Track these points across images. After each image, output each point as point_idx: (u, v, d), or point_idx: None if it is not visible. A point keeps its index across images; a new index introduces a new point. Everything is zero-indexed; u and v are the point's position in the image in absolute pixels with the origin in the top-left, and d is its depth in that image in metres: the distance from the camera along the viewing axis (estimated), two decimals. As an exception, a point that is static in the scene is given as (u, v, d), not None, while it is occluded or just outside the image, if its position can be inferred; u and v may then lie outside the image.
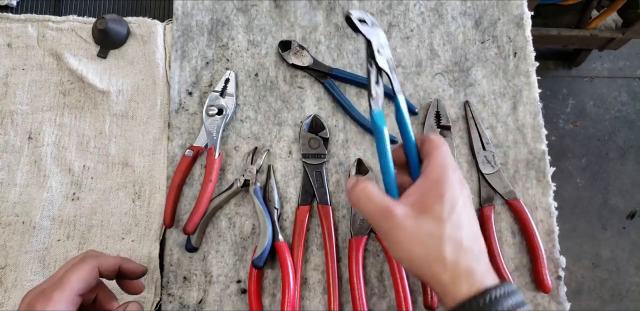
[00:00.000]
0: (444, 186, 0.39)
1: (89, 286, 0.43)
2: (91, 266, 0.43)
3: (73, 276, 0.42)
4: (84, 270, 0.43)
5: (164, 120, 0.63)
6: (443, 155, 0.41)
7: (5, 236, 0.58)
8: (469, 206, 0.40)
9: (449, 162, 0.41)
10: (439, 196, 0.38)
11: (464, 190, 0.40)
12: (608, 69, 1.85)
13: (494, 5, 0.68)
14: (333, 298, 0.55)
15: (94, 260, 0.44)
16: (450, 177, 0.39)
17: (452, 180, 0.39)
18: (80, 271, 0.42)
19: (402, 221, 0.38)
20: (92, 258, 0.44)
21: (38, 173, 0.60)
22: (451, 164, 0.41)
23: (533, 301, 0.57)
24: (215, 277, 0.58)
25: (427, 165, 0.41)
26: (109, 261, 0.45)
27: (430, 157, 0.41)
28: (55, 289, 0.40)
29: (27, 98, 0.63)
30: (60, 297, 0.40)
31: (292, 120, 0.63)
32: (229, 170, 0.61)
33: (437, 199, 0.38)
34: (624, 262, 1.64)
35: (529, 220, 0.58)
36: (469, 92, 0.64)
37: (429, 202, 0.39)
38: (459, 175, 0.41)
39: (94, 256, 0.45)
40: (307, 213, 0.58)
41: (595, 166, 1.74)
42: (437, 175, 0.40)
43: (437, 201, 0.38)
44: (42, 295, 0.40)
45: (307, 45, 0.66)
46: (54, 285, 0.41)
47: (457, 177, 0.40)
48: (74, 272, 0.42)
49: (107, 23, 0.62)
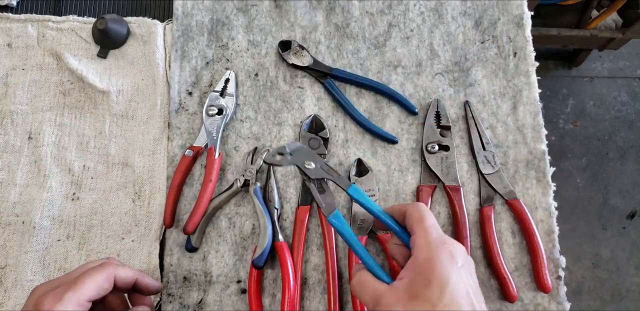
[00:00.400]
0: (431, 268, 0.38)
1: (102, 293, 0.42)
2: (108, 274, 0.43)
3: (88, 280, 0.41)
4: (101, 277, 0.42)
5: (164, 120, 0.63)
6: (426, 231, 0.41)
7: (5, 236, 0.58)
8: (464, 278, 0.38)
9: (432, 239, 0.40)
10: (427, 281, 0.38)
11: (454, 265, 0.39)
12: (608, 69, 1.85)
13: (494, 5, 0.68)
14: (333, 298, 0.55)
15: (113, 269, 0.43)
16: (436, 257, 0.39)
17: (440, 259, 0.39)
18: (97, 277, 0.42)
19: (393, 308, 0.38)
20: (111, 267, 0.44)
21: (38, 173, 0.60)
22: (436, 239, 0.40)
23: (533, 301, 0.57)
24: (215, 277, 0.58)
25: (414, 245, 0.41)
26: (127, 273, 0.45)
27: (414, 235, 0.42)
28: (68, 290, 0.40)
29: (27, 98, 0.63)
30: (71, 299, 0.39)
31: (292, 120, 0.63)
32: (229, 170, 0.61)
33: (425, 284, 0.38)
34: (624, 262, 1.64)
35: (529, 220, 0.58)
36: (469, 92, 0.64)
37: (418, 286, 0.38)
38: (448, 248, 0.40)
39: (114, 265, 0.44)
40: (307, 213, 0.58)
41: (595, 166, 1.74)
42: (423, 257, 0.40)
43: (426, 286, 0.38)
44: (53, 293, 0.40)
45: (307, 45, 0.66)
46: (67, 286, 0.40)
47: (447, 251, 0.39)
48: (90, 277, 0.42)
49: (107, 23, 0.62)
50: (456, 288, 0.37)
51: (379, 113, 0.64)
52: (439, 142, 0.61)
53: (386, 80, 0.65)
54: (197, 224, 0.57)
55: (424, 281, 0.38)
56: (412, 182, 0.61)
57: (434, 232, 0.41)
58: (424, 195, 0.59)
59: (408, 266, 0.41)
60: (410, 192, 0.61)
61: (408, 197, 0.60)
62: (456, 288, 0.37)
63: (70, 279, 0.42)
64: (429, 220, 0.42)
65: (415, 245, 0.41)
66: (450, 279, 0.38)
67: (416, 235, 0.41)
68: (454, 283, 0.37)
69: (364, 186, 0.59)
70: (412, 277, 0.39)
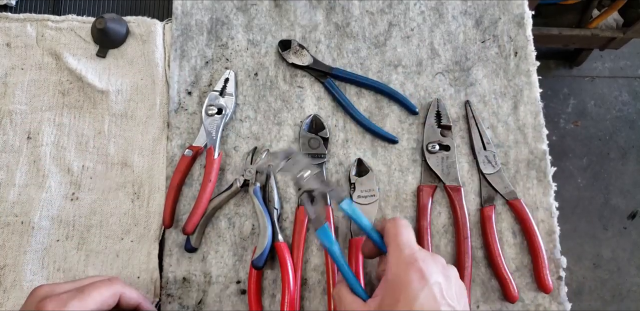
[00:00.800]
0: (399, 287, 0.39)
1: (105, 309, 0.42)
2: (115, 291, 0.43)
3: (95, 292, 0.42)
4: (108, 292, 0.42)
5: (163, 120, 0.63)
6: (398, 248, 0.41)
7: (4, 237, 0.58)
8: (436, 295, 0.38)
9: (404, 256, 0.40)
10: (395, 300, 0.39)
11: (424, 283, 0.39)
12: (609, 69, 1.85)
13: (495, 5, 0.68)
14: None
15: (121, 287, 0.44)
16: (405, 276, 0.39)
17: (408, 279, 0.39)
18: (104, 291, 0.42)
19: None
20: (120, 285, 0.44)
21: (37, 173, 0.60)
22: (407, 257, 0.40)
23: (534, 301, 0.57)
24: (214, 278, 0.57)
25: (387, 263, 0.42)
26: (132, 295, 0.45)
27: (388, 252, 0.42)
28: (74, 298, 0.40)
29: (26, 98, 0.63)
30: (75, 307, 0.40)
31: (292, 119, 0.63)
32: (228, 170, 0.61)
33: (394, 303, 0.39)
34: (625, 262, 1.63)
35: (530, 220, 0.58)
36: (469, 91, 0.64)
37: (388, 305, 0.40)
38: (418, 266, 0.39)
39: (122, 283, 0.45)
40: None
41: (596, 166, 1.73)
42: (392, 276, 0.40)
43: (394, 305, 0.39)
44: (57, 298, 0.40)
45: (307, 44, 0.65)
46: (73, 293, 0.41)
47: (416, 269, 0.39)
48: (98, 289, 0.42)
49: (106, 22, 0.62)
50: (425, 306, 0.38)
51: (379, 112, 0.63)
52: (440, 142, 0.61)
53: (386, 79, 0.64)
54: (197, 224, 0.56)
55: (393, 300, 0.39)
56: (413, 182, 0.61)
57: (406, 248, 0.41)
58: (424, 195, 0.59)
59: (381, 285, 0.42)
60: (411, 192, 0.60)
61: (408, 197, 0.60)
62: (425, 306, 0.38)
63: (76, 288, 0.42)
64: (404, 235, 0.42)
65: (388, 262, 0.41)
66: (418, 298, 0.38)
67: (389, 252, 0.42)
68: (421, 303, 0.38)
69: (364, 186, 0.59)
70: (383, 295, 0.40)
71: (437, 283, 0.39)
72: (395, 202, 0.60)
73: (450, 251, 0.58)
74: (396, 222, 0.43)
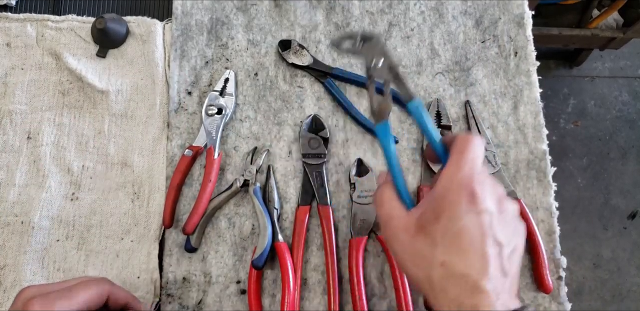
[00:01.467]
0: (444, 203, 0.36)
1: (92, 307, 0.42)
2: (102, 290, 0.43)
3: (82, 291, 0.41)
4: (95, 291, 0.42)
5: (163, 120, 0.63)
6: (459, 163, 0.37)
7: (4, 237, 0.58)
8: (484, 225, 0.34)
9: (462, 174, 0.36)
10: (436, 216, 0.36)
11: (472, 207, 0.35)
12: (609, 69, 1.85)
13: (495, 5, 0.67)
14: (333, 298, 0.55)
15: (109, 287, 0.44)
16: (453, 194, 0.35)
17: (457, 197, 0.35)
18: (91, 290, 0.42)
19: (398, 234, 0.37)
20: (107, 284, 0.44)
21: (37, 173, 0.60)
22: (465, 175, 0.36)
23: (534, 301, 0.57)
24: (214, 278, 0.57)
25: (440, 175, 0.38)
26: (120, 294, 0.45)
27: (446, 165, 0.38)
28: (61, 298, 0.40)
29: (26, 98, 0.63)
30: (62, 306, 0.40)
31: (292, 119, 0.63)
32: (228, 170, 0.61)
33: (434, 219, 0.36)
34: (625, 262, 1.63)
35: (530, 220, 0.58)
36: (469, 91, 0.64)
37: (427, 220, 0.36)
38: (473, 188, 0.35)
39: (110, 283, 0.45)
40: (307, 214, 0.58)
41: (596, 166, 1.73)
42: (441, 190, 0.37)
43: (433, 221, 0.36)
44: (44, 297, 0.40)
45: (307, 44, 0.65)
46: (60, 293, 0.40)
47: (469, 190, 0.35)
48: (85, 289, 0.42)
49: (106, 22, 0.62)
50: (465, 231, 0.34)
51: (379, 113, 0.63)
52: (440, 142, 0.61)
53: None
54: (197, 224, 0.56)
55: (434, 215, 0.36)
56: (413, 182, 0.61)
57: (466, 167, 0.36)
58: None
59: (426, 197, 0.38)
60: (411, 192, 0.60)
61: (408, 197, 0.60)
62: (465, 231, 0.34)
63: (64, 287, 0.42)
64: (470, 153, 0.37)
65: (442, 174, 0.37)
66: (461, 220, 0.34)
67: (447, 165, 0.37)
68: (463, 226, 0.34)
69: (364, 186, 0.59)
70: (425, 208, 0.37)
71: (489, 211, 0.35)
72: (395, 202, 0.60)
73: (450, 251, 0.58)
74: (469, 138, 0.38)
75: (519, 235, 0.38)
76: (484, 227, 0.34)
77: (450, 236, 0.34)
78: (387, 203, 0.40)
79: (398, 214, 0.38)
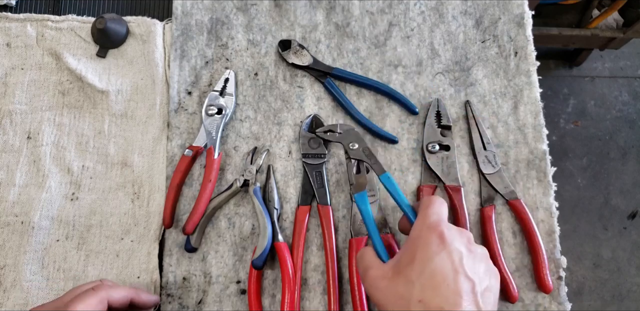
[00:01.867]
0: (417, 246, 0.39)
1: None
2: (100, 298, 0.43)
3: (80, 305, 0.41)
4: (94, 301, 0.42)
5: (163, 120, 0.63)
6: (426, 215, 0.41)
7: (4, 237, 0.58)
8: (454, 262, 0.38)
9: (430, 221, 0.41)
10: (412, 257, 0.39)
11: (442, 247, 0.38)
12: (609, 69, 1.85)
13: (495, 5, 0.67)
14: (333, 298, 0.55)
15: (106, 293, 0.43)
16: (424, 237, 0.39)
17: (427, 240, 0.39)
18: (88, 302, 0.42)
19: (376, 282, 0.40)
20: (104, 290, 0.44)
21: (37, 173, 0.60)
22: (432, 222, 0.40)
23: (534, 301, 0.57)
24: (214, 278, 0.57)
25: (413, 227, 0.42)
26: (120, 294, 0.45)
27: (415, 220, 0.43)
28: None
29: (26, 98, 0.63)
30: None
31: (292, 119, 0.63)
32: (228, 170, 0.61)
33: (409, 261, 0.39)
34: (625, 262, 1.63)
35: (530, 220, 0.58)
36: (469, 91, 0.64)
37: (403, 263, 0.40)
38: (439, 231, 0.39)
39: (106, 287, 0.44)
40: (307, 214, 0.58)
41: (597, 166, 1.73)
42: (413, 236, 0.41)
43: (409, 263, 0.39)
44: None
45: (307, 44, 0.65)
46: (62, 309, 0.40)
47: (437, 233, 0.39)
48: (82, 302, 0.41)
49: (107, 22, 0.62)
50: (438, 269, 0.37)
51: (379, 112, 0.63)
52: (440, 142, 0.61)
53: (386, 79, 0.64)
54: (197, 224, 0.56)
55: (409, 259, 0.39)
56: (413, 182, 0.61)
57: (433, 216, 0.41)
58: (424, 195, 0.59)
59: (401, 248, 0.42)
60: (411, 192, 0.60)
61: (408, 197, 0.60)
62: (438, 269, 0.37)
63: (62, 304, 0.41)
64: (435, 207, 0.42)
65: (413, 226, 0.42)
66: (433, 260, 0.38)
67: (416, 220, 0.42)
68: (436, 264, 0.37)
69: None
70: (401, 255, 0.41)
71: (458, 250, 0.38)
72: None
73: (450, 251, 0.58)
74: (433, 198, 0.44)
75: (492, 276, 0.41)
76: (454, 263, 0.38)
77: (425, 275, 0.37)
78: (366, 259, 0.44)
79: (376, 265, 0.42)
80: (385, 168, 0.58)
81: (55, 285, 0.57)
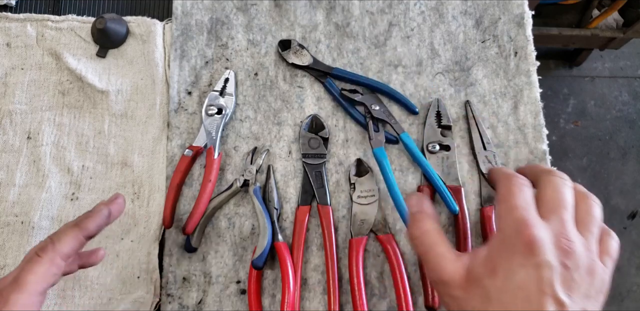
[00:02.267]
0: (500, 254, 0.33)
1: (53, 281, 0.40)
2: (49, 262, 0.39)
3: (30, 276, 0.38)
4: (42, 268, 0.38)
5: (163, 120, 0.63)
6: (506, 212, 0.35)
7: (4, 237, 0.58)
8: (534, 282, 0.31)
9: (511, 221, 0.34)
10: (492, 267, 0.33)
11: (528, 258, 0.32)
12: (609, 69, 1.85)
13: (495, 5, 0.67)
14: (333, 298, 0.55)
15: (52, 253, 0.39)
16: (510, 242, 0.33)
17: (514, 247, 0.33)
18: (38, 269, 0.38)
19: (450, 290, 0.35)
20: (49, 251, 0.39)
21: (37, 173, 0.60)
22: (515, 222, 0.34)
23: (534, 301, 0.57)
24: (214, 278, 0.57)
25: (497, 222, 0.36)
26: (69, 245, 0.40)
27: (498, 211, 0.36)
28: (12, 291, 0.36)
29: (26, 98, 0.63)
30: (17, 299, 0.36)
31: (292, 119, 0.63)
32: (228, 170, 0.61)
33: (490, 271, 0.33)
34: (625, 263, 1.63)
35: (530, 220, 0.58)
36: (469, 91, 0.64)
37: (481, 271, 0.34)
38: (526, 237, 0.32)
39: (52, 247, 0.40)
40: (307, 214, 0.58)
41: (596, 166, 1.73)
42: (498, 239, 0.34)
43: (490, 273, 0.33)
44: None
45: (307, 44, 0.65)
46: (10, 286, 0.37)
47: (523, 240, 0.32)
48: (31, 271, 0.38)
49: (107, 22, 0.62)
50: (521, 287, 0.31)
51: (379, 113, 0.63)
52: (440, 142, 0.61)
53: (386, 79, 0.64)
54: (197, 224, 0.56)
55: (490, 268, 0.33)
56: (413, 182, 0.61)
57: (516, 212, 0.34)
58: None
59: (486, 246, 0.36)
60: (411, 192, 0.60)
61: (408, 197, 0.60)
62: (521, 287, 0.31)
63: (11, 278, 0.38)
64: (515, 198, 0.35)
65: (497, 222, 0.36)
66: (517, 273, 0.31)
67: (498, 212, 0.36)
68: (519, 280, 0.31)
69: (364, 186, 0.59)
70: (482, 257, 0.34)
71: (550, 265, 0.31)
72: (395, 202, 0.60)
73: (450, 251, 0.58)
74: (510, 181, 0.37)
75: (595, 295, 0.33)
76: (543, 283, 0.31)
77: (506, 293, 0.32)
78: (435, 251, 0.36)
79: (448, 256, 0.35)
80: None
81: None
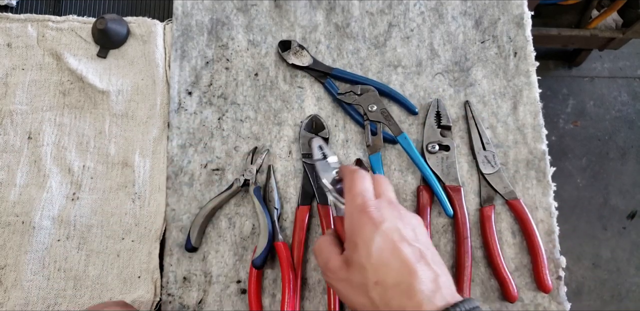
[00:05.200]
0: (354, 232, 0.40)
1: None
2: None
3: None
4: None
5: (164, 120, 0.63)
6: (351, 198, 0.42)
7: (5, 236, 0.58)
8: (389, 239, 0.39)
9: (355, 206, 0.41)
10: (354, 244, 0.39)
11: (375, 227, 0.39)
12: (608, 69, 1.85)
13: (494, 5, 0.68)
14: (333, 298, 0.55)
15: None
16: (357, 221, 0.40)
17: (361, 223, 0.40)
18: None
19: (337, 274, 0.40)
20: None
21: (38, 173, 0.60)
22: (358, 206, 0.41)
23: (533, 301, 0.57)
24: (215, 277, 0.58)
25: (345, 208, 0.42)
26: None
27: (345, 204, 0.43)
28: None
29: (26, 98, 0.63)
30: None
31: (292, 120, 0.63)
32: (228, 170, 0.61)
33: (353, 248, 0.39)
34: (624, 262, 1.63)
35: (529, 220, 0.58)
36: (469, 91, 0.64)
37: (350, 251, 0.40)
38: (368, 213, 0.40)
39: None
40: (307, 213, 0.58)
41: (596, 166, 1.74)
42: (348, 225, 0.41)
43: (354, 249, 0.39)
44: None
45: (307, 45, 0.66)
46: None
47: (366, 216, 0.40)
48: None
49: (107, 23, 0.62)
50: (381, 247, 0.38)
51: (379, 113, 0.63)
52: (440, 142, 0.61)
53: (386, 80, 0.65)
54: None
55: (352, 246, 0.40)
56: (413, 182, 0.61)
57: (358, 198, 0.41)
58: (424, 195, 0.59)
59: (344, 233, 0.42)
60: (411, 192, 0.61)
61: (408, 197, 0.60)
62: (381, 247, 0.38)
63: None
64: (357, 186, 0.42)
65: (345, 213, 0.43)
66: (373, 240, 0.38)
67: (345, 202, 0.43)
68: (377, 244, 0.38)
69: (364, 186, 0.59)
70: (346, 244, 0.41)
71: (393, 226, 0.39)
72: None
73: (450, 251, 0.59)
74: (352, 174, 0.43)
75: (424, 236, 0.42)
76: (394, 238, 0.39)
77: (372, 256, 0.38)
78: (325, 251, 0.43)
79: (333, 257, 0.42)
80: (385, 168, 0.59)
81: (55, 285, 0.57)
